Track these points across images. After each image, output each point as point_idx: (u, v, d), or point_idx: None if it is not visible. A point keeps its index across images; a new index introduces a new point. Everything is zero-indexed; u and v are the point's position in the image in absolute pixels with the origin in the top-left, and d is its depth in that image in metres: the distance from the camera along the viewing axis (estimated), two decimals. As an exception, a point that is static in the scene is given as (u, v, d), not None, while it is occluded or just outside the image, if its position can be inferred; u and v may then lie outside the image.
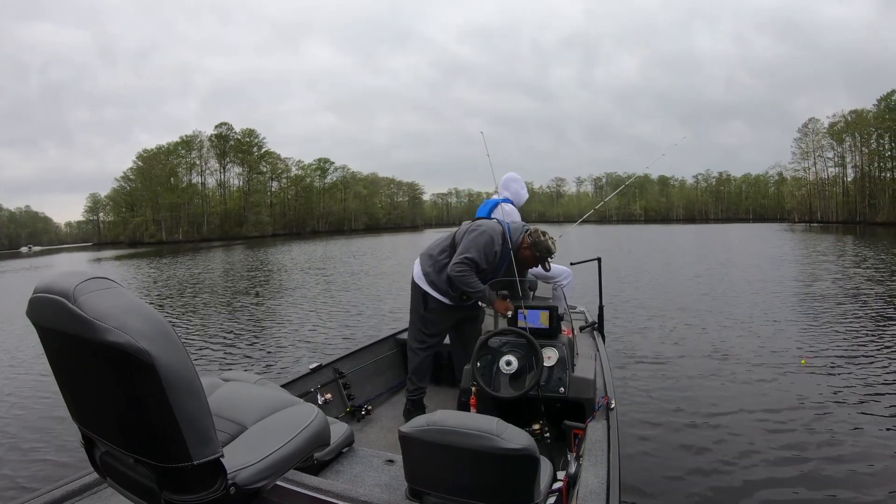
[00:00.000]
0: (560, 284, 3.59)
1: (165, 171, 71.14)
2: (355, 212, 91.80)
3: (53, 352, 1.05)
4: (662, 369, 4.86)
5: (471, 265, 2.71)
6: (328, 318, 8.03)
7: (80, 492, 1.55)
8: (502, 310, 2.75)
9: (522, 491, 1.35)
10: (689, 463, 3.01)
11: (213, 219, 71.70)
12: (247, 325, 7.80)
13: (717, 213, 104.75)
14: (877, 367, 4.69)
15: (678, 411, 3.80)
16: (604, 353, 3.04)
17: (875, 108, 59.28)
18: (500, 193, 3.68)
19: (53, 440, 3.64)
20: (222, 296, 11.37)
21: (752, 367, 4.83)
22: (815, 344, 5.60)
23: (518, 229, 2.84)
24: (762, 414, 3.70)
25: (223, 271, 18.15)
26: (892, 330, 6.13)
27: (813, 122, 68.55)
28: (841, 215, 63.09)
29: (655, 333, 6.34)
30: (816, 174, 68.37)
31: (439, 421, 1.37)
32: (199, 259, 25.81)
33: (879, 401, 3.88)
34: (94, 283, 0.95)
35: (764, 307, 7.84)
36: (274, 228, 75.94)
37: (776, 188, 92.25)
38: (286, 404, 1.52)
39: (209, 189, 75.36)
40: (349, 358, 3.25)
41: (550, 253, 2.80)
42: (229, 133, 75.99)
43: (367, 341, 3.59)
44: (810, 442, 3.24)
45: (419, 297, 2.95)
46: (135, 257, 31.99)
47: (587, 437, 1.99)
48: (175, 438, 0.96)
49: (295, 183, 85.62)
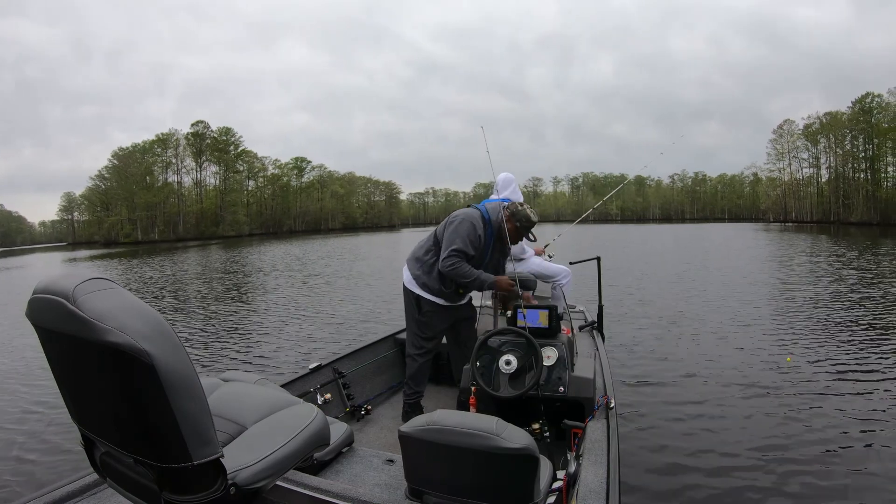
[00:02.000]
0: (559, 283, 3.59)
1: (141, 169, 69.71)
2: (332, 211, 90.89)
3: (53, 353, 1.05)
4: (662, 368, 4.86)
5: (460, 255, 2.69)
6: (307, 323, 7.90)
7: (80, 492, 1.55)
8: (506, 286, 2.74)
9: (522, 490, 1.35)
10: (688, 462, 3.02)
11: (189, 218, 70.46)
12: (224, 327, 7.70)
13: (693, 212, 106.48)
14: (866, 364, 4.76)
15: (678, 410, 3.81)
16: (603, 353, 3.04)
17: (850, 110, 60.46)
18: (500, 193, 3.63)
19: (53, 440, 3.64)
20: (194, 299, 11.02)
21: (751, 367, 4.84)
22: (800, 341, 5.74)
23: (495, 209, 2.83)
24: (762, 413, 3.71)
25: (197, 273, 17.69)
26: (864, 321, 6.25)
27: (788, 124, 70.02)
28: (815, 215, 64.35)
29: (655, 333, 6.35)
30: (791, 175, 69.81)
31: (439, 420, 1.38)
32: (177, 259, 25.25)
33: (873, 398, 3.91)
34: (94, 284, 0.95)
35: (754, 305, 7.96)
36: (250, 228, 74.97)
37: (751, 188, 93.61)
38: (286, 404, 1.52)
39: (185, 188, 74.02)
40: (349, 358, 3.25)
41: (530, 221, 2.80)
42: (206, 131, 74.65)
43: (367, 341, 3.59)
44: (810, 441, 3.24)
45: (412, 301, 2.92)
46: (108, 258, 30.99)
47: (587, 436, 1.99)
48: (175, 438, 0.96)
49: (272, 182, 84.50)
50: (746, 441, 3.25)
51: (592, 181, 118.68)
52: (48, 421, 4.02)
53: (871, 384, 4.24)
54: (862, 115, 57.94)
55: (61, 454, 3.39)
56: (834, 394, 4.02)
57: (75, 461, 3.19)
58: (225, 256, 26.02)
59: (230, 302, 10.24)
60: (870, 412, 3.67)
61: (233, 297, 11.03)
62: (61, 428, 3.80)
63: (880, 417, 3.57)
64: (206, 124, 75.00)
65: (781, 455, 3.05)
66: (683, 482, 2.79)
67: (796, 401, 3.93)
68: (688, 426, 3.53)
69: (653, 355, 5.32)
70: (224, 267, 19.47)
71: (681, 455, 3.10)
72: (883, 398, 3.91)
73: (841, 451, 3.07)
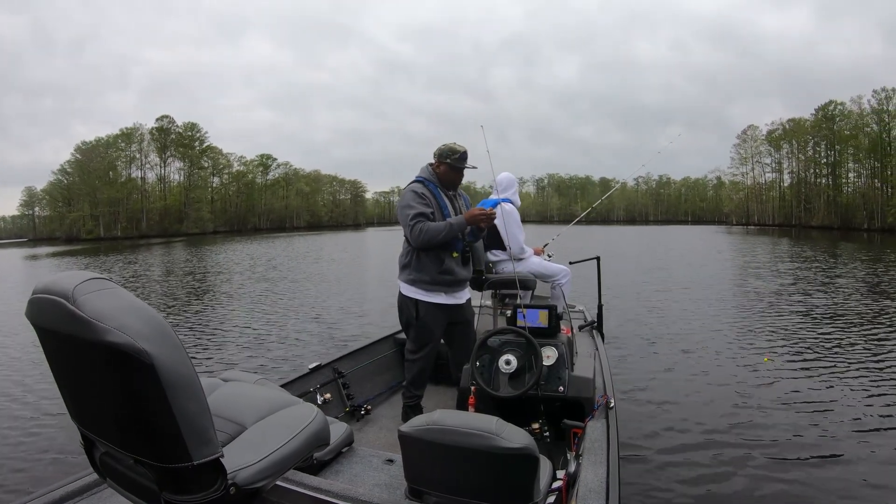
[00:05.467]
0: (559, 283, 3.59)
1: (104, 164, 68.03)
2: (297, 209, 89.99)
3: (53, 353, 1.05)
4: (662, 368, 4.87)
5: (420, 218, 2.64)
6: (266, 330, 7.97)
7: (80, 492, 1.55)
8: (483, 218, 2.68)
9: (522, 490, 1.35)
10: (689, 461, 3.02)
11: (152, 215, 69.25)
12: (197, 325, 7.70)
13: (657, 214, 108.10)
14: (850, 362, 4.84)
15: (678, 409, 3.81)
16: (603, 352, 3.05)
17: (813, 116, 62.41)
18: (500, 193, 3.58)
19: (53, 440, 3.64)
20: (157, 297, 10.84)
21: (751, 365, 4.85)
22: (776, 340, 5.90)
23: (425, 168, 2.84)
24: (763, 412, 3.72)
25: (163, 272, 17.19)
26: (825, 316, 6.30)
27: (752, 129, 72.01)
28: (777, 218, 66.15)
29: (655, 333, 6.36)
30: (754, 179, 72.03)
31: (439, 420, 1.38)
32: (140, 257, 24.55)
33: (867, 395, 3.92)
34: (94, 284, 0.95)
35: (747, 307, 8.08)
36: (215, 225, 73.74)
37: (714, 192, 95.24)
38: (286, 404, 1.52)
39: (149, 184, 72.51)
40: (348, 358, 3.25)
41: (454, 151, 2.76)
42: (171, 126, 73.44)
43: (367, 341, 3.59)
44: (810, 441, 3.25)
45: (411, 308, 2.83)
46: (70, 255, 29.64)
47: (586, 436, 1.99)
48: (175, 438, 0.96)
49: (237, 179, 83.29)
50: (747, 440, 3.26)
51: (558, 182, 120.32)
52: (48, 421, 4.02)
53: (871, 384, 4.27)
54: (825, 123, 59.94)
55: (61, 454, 3.39)
56: (840, 399, 4.02)
57: (75, 461, 3.19)
58: (190, 255, 25.24)
59: (193, 303, 10.10)
60: (871, 412, 3.69)
61: (192, 298, 10.79)
62: (61, 428, 3.80)
63: (879, 413, 3.60)
64: (172, 119, 73.83)
65: (782, 454, 3.06)
66: (684, 482, 2.79)
67: (797, 401, 3.94)
68: (688, 425, 3.54)
69: (652, 354, 5.33)
70: (198, 267, 18.57)
71: (681, 455, 3.10)
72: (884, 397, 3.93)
73: (841, 451, 3.08)
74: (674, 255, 18.82)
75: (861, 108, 55.90)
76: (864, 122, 55.46)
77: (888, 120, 52.75)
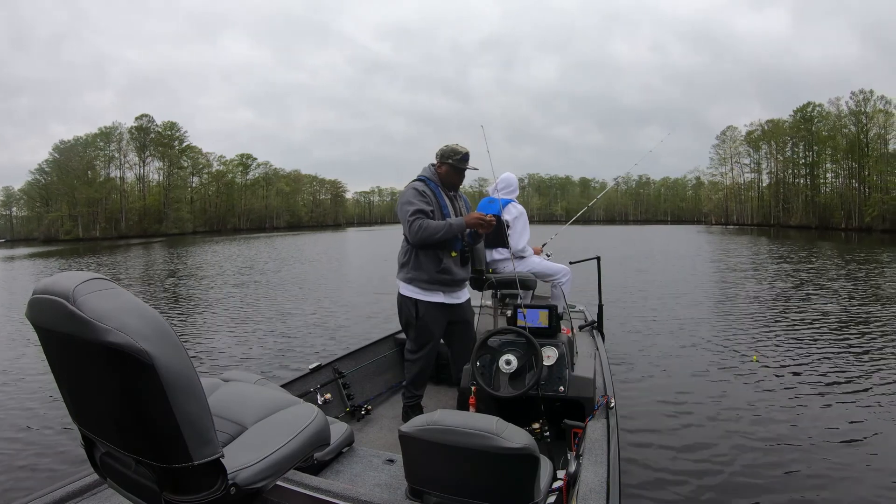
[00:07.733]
0: (559, 282, 3.59)
1: (83, 163, 66.87)
2: (277, 209, 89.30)
3: (53, 353, 1.05)
4: (662, 367, 4.87)
5: (419, 215, 2.66)
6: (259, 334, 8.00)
7: (80, 492, 1.55)
8: (477, 218, 2.70)
9: (522, 490, 1.35)
10: (689, 461, 3.02)
11: (131, 215, 68.50)
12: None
13: (636, 214, 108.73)
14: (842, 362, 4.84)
15: (678, 409, 3.81)
16: (603, 352, 3.04)
17: (791, 118, 63.16)
18: (501, 193, 3.55)
19: (53, 440, 3.64)
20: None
21: (751, 365, 4.85)
22: (764, 339, 5.94)
23: (428, 167, 2.86)
24: (763, 412, 3.71)
25: (143, 270, 16.96)
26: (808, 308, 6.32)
27: (731, 130, 72.86)
28: (756, 218, 66.98)
29: (655, 333, 6.36)
30: (733, 179, 72.99)
31: (439, 420, 1.38)
32: (119, 258, 23.83)
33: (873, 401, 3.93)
34: (94, 284, 0.95)
35: (750, 306, 8.07)
36: (194, 225, 72.98)
37: (694, 192, 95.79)
38: (286, 404, 1.52)
39: (128, 184, 71.53)
40: (349, 358, 3.25)
41: (456, 151, 2.78)
42: (150, 125, 72.57)
43: (367, 341, 3.59)
44: (810, 440, 3.25)
45: (411, 308, 2.82)
46: (48, 256, 28.54)
47: (587, 435, 1.99)
48: (175, 439, 0.96)
49: (216, 179, 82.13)
50: (747, 440, 3.25)
51: (538, 182, 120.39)
52: (48, 421, 4.01)
53: (871, 384, 4.27)
54: (803, 124, 60.71)
55: (61, 454, 3.39)
56: (837, 397, 4.04)
57: (75, 461, 3.18)
58: (170, 254, 24.71)
59: (194, 303, 10.01)
60: (872, 412, 3.70)
61: (193, 298, 10.62)
62: (61, 428, 3.80)
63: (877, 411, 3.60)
64: (151, 118, 72.98)
65: (782, 453, 3.06)
66: (684, 482, 2.79)
67: (798, 400, 3.94)
68: (688, 425, 3.53)
69: (653, 354, 5.32)
70: (182, 269, 17.91)
71: (681, 454, 3.10)
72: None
73: (845, 453, 3.07)
74: (664, 255, 18.72)
75: (839, 110, 56.59)
76: (843, 123, 56.01)
77: (866, 121, 53.34)
